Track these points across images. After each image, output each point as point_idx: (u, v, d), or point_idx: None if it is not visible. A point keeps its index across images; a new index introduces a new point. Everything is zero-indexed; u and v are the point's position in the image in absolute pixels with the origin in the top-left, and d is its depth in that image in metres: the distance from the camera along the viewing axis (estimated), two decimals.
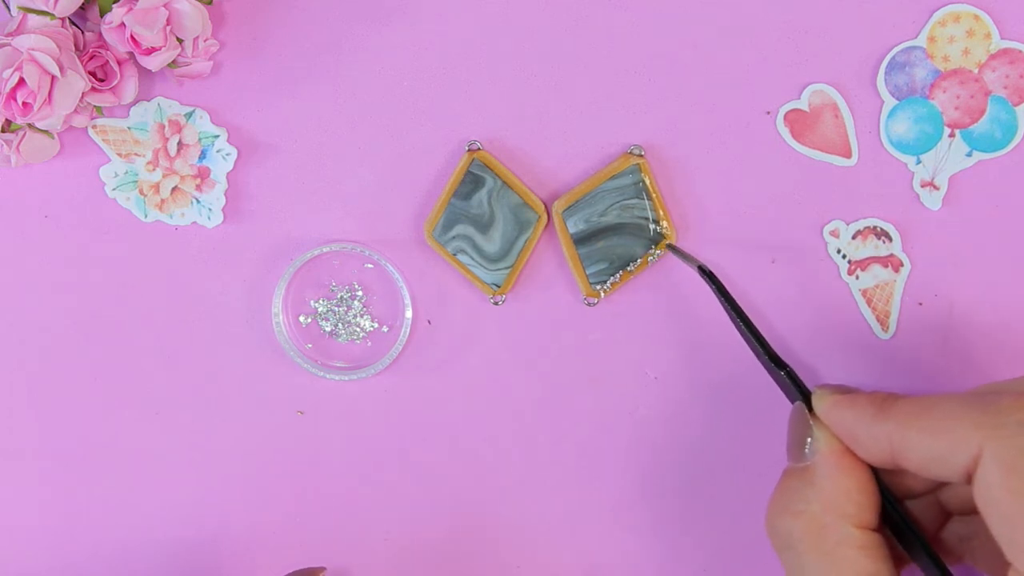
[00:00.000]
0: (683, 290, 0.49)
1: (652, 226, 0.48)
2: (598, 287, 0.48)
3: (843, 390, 0.40)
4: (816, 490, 0.39)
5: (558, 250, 0.49)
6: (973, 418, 0.35)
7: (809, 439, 0.40)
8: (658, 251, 0.48)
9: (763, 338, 0.43)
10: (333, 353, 0.51)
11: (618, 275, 0.48)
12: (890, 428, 0.37)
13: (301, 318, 0.50)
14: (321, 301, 0.50)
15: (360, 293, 0.50)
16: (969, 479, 0.35)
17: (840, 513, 0.38)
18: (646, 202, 0.48)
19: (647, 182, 0.47)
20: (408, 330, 0.49)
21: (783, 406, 0.43)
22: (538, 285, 0.50)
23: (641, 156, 0.48)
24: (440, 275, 0.50)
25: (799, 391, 0.42)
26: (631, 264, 0.48)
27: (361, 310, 0.50)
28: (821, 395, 0.40)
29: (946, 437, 0.36)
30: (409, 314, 0.49)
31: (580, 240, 0.48)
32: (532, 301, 0.50)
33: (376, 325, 0.50)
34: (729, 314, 0.44)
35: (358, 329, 0.50)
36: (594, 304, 0.49)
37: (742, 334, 0.44)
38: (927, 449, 0.36)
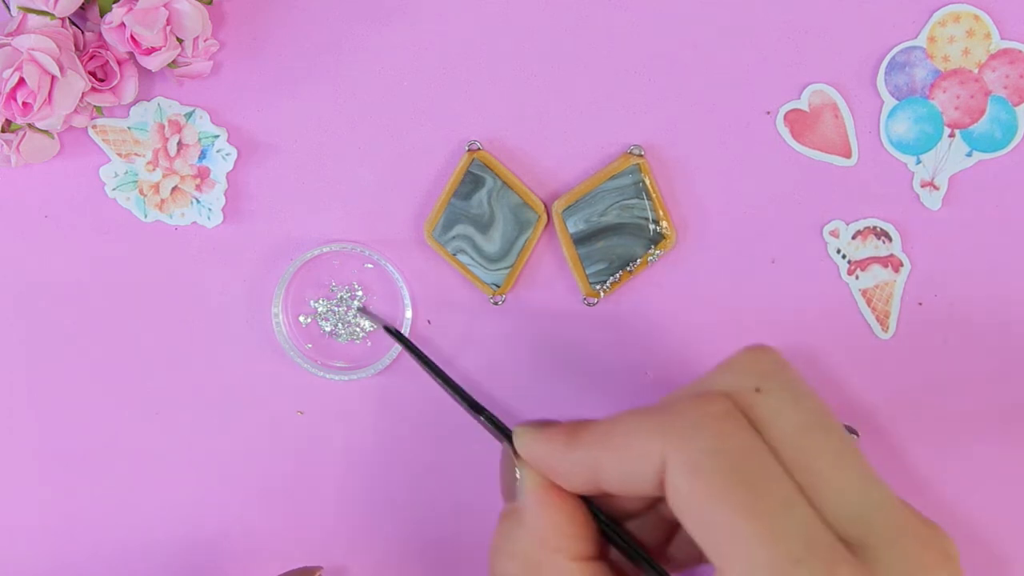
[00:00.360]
0: (683, 290, 0.49)
1: (652, 226, 0.48)
2: (598, 287, 0.48)
3: (540, 425, 0.40)
4: (527, 529, 0.38)
5: (558, 250, 0.49)
6: (651, 428, 0.35)
7: (516, 478, 0.39)
8: (658, 251, 0.48)
9: (458, 386, 0.43)
10: (333, 353, 0.51)
11: (618, 275, 0.48)
12: (582, 455, 0.37)
13: (301, 318, 0.50)
14: (321, 301, 0.50)
15: (360, 293, 0.50)
16: (664, 489, 0.35)
17: (552, 548, 0.38)
18: (646, 202, 0.48)
19: (647, 182, 0.47)
20: (408, 330, 0.49)
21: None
22: (538, 285, 0.50)
23: (641, 156, 0.48)
24: (440, 275, 0.50)
25: (501, 432, 0.41)
26: (631, 264, 0.48)
27: (361, 310, 0.50)
28: (520, 433, 0.39)
29: (630, 452, 0.35)
30: (409, 314, 0.49)
31: (580, 240, 0.48)
32: (532, 301, 0.50)
33: (376, 325, 0.50)
34: (424, 368, 0.44)
35: (358, 329, 0.50)
36: (594, 304, 0.49)
37: (441, 385, 0.44)
38: (617, 468, 0.36)
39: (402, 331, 0.49)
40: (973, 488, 0.49)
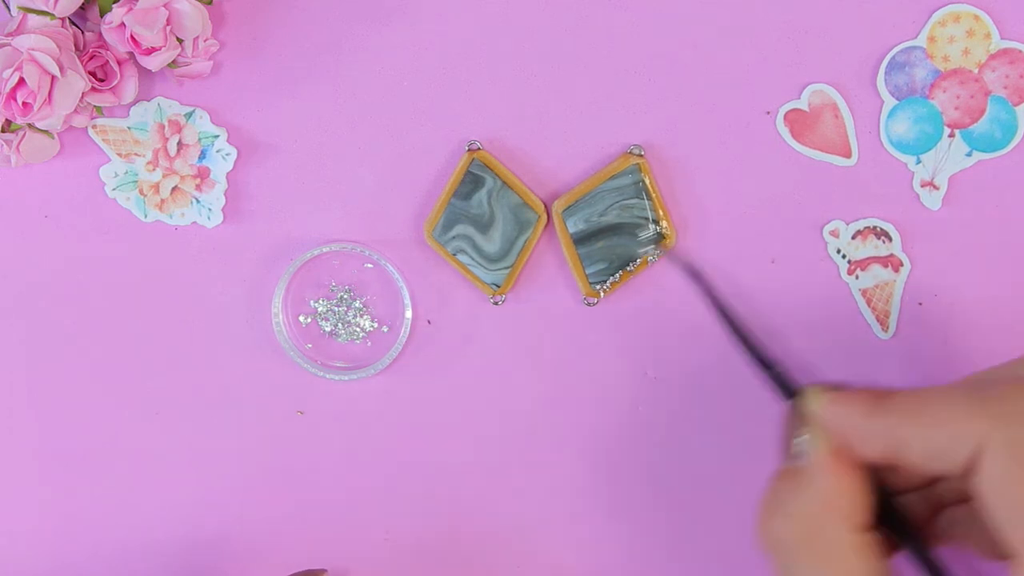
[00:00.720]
0: (683, 290, 0.49)
1: (652, 226, 0.48)
2: (598, 287, 0.48)
3: (837, 387, 0.39)
4: (812, 491, 0.38)
5: (558, 250, 0.49)
6: (973, 409, 0.34)
7: (803, 439, 0.39)
8: (658, 251, 0.48)
9: (752, 338, 0.42)
10: (333, 353, 0.51)
11: (618, 275, 0.48)
12: (888, 424, 0.36)
13: (301, 318, 0.50)
14: (321, 301, 0.50)
15: (359, 302, 0.50)
16: (968, 471, 0.34)
17: (836, 514, 0.37)
18: (646, 202, 0.48)
19: (647, 182, 0.47)
20: (408, 330, 0.49)
21: (783, 405, 0.43)
22: (538, 285, 0.50)
23: (641, 156, 0.48)
24: (440, 275, 0.50)
25: (791, 390, 0.41)
26: (631, 264, 0.48)
27: (361, 310, 0.50)
28: (815, 393, 0.39)
29: (946, 430, 0.35)
30: (409, 314, 0.49)
31: (580, 240, 0.48)
32: (532, 301, 0.50)
33: (376, 325, 0.50)
34: (716, 315, 0.43)
35: (358, 329, 0.50)
36: (594, 304, 0.49)
37: (730, 335, 0.43)
38: (927, 443, 0.35)
39: (403, 332, 0.49)
40: None
